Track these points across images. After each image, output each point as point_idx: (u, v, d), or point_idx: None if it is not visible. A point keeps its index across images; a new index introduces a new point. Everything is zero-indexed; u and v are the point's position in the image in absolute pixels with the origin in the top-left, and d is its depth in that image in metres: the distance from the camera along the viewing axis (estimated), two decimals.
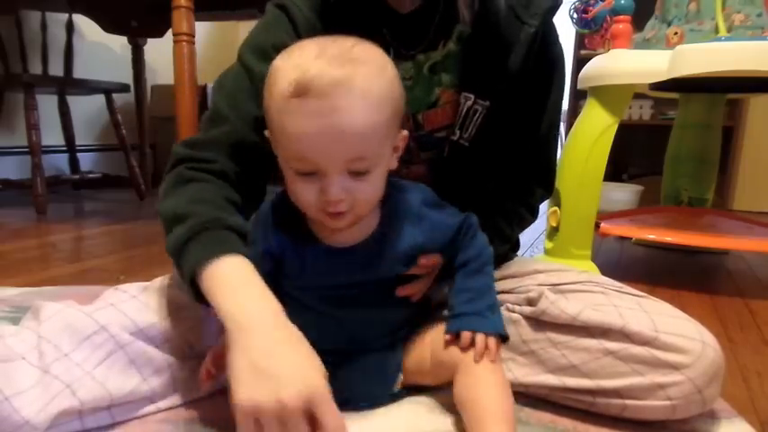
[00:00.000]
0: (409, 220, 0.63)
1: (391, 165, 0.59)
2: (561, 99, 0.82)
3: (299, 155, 0.53)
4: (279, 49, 0.66)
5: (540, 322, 0.68)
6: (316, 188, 0.54)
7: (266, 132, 0.58)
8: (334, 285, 0.63)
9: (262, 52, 0.70)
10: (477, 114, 0.75)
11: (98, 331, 0.60)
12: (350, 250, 0.62)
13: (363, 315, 0.65)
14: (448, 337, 0.62)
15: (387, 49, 0.59)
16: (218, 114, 0.70)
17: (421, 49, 0.74)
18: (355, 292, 0.63)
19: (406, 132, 0.60)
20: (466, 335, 0.61)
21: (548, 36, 0.74)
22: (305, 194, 0.56)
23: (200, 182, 0.66)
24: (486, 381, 0.58)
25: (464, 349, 0.60)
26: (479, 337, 0.60)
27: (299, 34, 0.70)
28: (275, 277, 0.63)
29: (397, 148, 0.60)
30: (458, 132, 0.76)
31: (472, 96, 0.74)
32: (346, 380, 0.64)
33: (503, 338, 0.63)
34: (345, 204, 0.55)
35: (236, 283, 0.56)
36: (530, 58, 0.72)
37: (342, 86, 0.51)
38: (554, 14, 0.74)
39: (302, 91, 0.51)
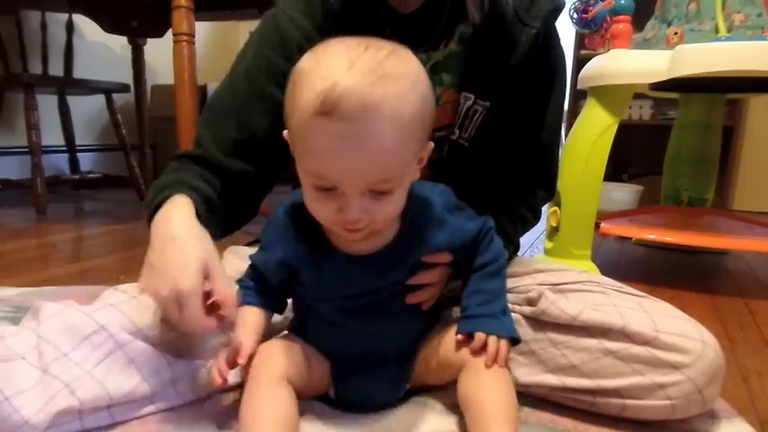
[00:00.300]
0: (431, 226, 0.61)
1: (414, 177, 0.57)
2: (562, 102, 0.82)
3: (319, 172, 0.51)
4: (265, 71, 0.73)
5: (540, 322, 0.68)
6: (334, 205, 0.52)
7: (285, 134, 0.56)
8: (351, 295, 0.61)
9: (250, 74, 0.74)
10: (477, 115, 0.75)
11: (97, 331, 0.60)
12: (369, 258, 0.60)
13: (377, 328, 0.63)
14: (460, 337, 0.61)
15: None
16: (198, 136, 0.76)
17: (423, 49, 0.74)
18: (371, 300, 0.61)
19: (432, 144, 0.58)
20: (480, 336, 0.60)
21: (549, 39, 0.74)
22: (322, 209, 0.54)
23: (180, 170, 0.72)
24: (491, 383, 0.58)
25: (476, 351, 0.60)
26: (492, 340, 0.60)
27: (288, 47, 0.72)
28: (291, 285, 0.63)
29: (422, 160, 0.57)
30: (457, 132, 0.76)
31: (472, 96, 0.74)
32: (357, 388, 0.64)
33: (514, 341, 0.63)
34: (364, 222, 0.53)
35: (166, 210, 0.62)
36: (530, 59, 0.72)
37: (372, 110, 0.47)
38: (556, 17, 0.74)
39: (329, 109, 0.47)
